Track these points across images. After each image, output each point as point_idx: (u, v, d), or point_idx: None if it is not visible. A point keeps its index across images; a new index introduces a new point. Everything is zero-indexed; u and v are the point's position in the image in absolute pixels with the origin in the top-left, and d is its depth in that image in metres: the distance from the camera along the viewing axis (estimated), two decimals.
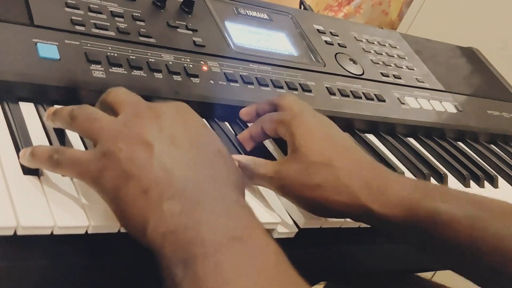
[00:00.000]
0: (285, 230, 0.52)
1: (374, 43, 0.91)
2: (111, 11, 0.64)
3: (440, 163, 0.76)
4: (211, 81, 0.64)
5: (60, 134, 0.49)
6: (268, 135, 0.57)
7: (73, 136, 0.50)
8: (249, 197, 0.52)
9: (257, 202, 0.52)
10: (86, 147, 0.49)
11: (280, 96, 0.59)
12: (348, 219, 0.55)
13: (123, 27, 0.63)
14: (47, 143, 0.48)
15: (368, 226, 0.55)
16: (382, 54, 0.90)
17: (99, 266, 0.43)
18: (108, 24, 0.62)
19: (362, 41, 0.90)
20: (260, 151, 0.60)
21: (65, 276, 0.42)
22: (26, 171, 0.44)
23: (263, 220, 0.49)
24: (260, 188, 0.54)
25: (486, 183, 0.76)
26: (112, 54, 0.59)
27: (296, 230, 0.52)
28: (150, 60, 0.61)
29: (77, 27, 0.60)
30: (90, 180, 0.41)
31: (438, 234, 0.48)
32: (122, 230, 0.43)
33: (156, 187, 0.38)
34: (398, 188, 0.50)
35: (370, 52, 0.88)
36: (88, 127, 0.43)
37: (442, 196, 0.50)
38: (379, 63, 0.87)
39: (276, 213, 0.52)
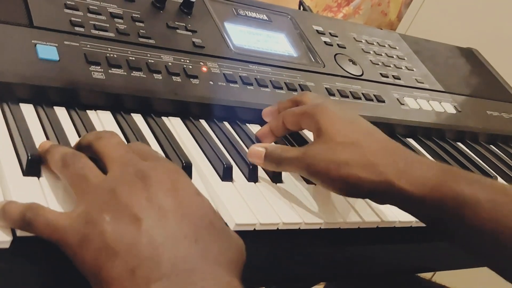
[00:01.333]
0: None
1: (373, 44, 0.91)
2: (110, 12, 0.64)
3: None
4: (211, 82, 0.64)
5: (60, 135, 0.49)
6: (289, 129, 0.59)
7: (72, 137, 0.50)
8: (248, 197, 0.52)
9: (257, 202, 0.52)
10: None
11: (300, 93, 0.61)
12: (348, 220, 0.55)
13: (123, 28, 0.63)
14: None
15: (369, 226, 0.55)
16: (381, 55, 0.90)
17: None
18: (108, 25, 0.62)
19: (361, 41, 0.90)
20: None
21: (65, 277, 0.42)
22: (26, 172, 0.44)
23: (263, 221, 0.49)
24: (260, 187, 0.54)
25: None
26: (111, 55, 0.59)
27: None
28: (149, 61, 0.61)
29: (77, 28, 0.60)
30: (69, 251, 0.37)
31: (461, 216, 0.49)
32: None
33: (143, 267, 0.35)
34: (424, 168, 0.51)
35: (370, 52, 0.88)
36: (75, 183, 0.40)
37: (466, 179, 0.51)
38: (378, 64, 0.87)
39: (276, 213, 0.52)
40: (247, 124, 0.65)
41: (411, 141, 0.79)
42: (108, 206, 0.38)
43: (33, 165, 0.44)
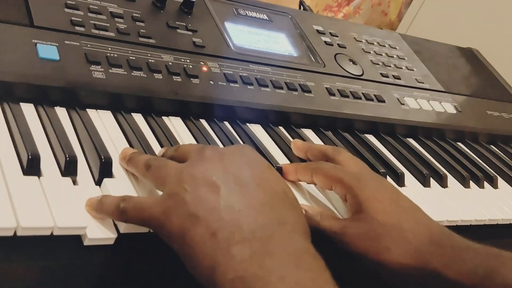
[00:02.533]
0: None
1: (373, 44, 0.91)
2: (110, 12, 0.64)
3: (439, 164, 0.76)
4: (211, 82, 0.64)
5: (61, 134, 0.49)
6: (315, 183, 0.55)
7: (73, 137, 0.50)
8: None
9: None
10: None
11: (335, 150, 0.57)
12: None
13: (123, 27, 0.63)
14: (47, 144, 0.48)
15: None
16: (381, 55, 0.90)
17: (100, 266, 0.43)
18: (108, 24, 0.62)
19: (361, 41, 0.90)
20: None
21: (64, 277, 0.42)
22: (26, 171, 0.44)
23: None
24: None
25: (485, 184, 0.76)
26: (112, 54, 0.59)
27: None
28: (150, 60, 0.61)
29: (77, 28, 0.60)
30: (156, 225, 0.40)
31: None
32: (122, 231, 0.43)
33: (224, 230, 0.38)
34: (471, 255, 0.48)
35: (370, 52, 0.88)
36: (157, 175, 0.43)
37: None
38: (378, 64, 0.87)
39: None
40: (247, 124, 0.65)
41: (411, 141, 0.79)
42: (187, 178, 0.41)
43: (33, 165, 0.44)
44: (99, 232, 0.42)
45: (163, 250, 0.41)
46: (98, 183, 0.46)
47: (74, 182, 0.45)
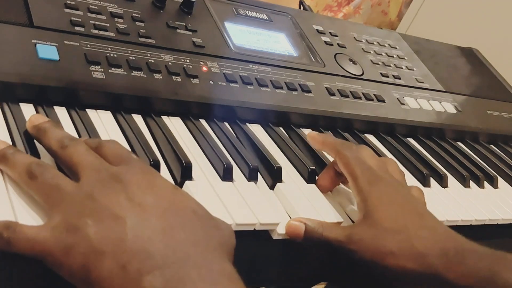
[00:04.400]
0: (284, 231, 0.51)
1: (373, 44, 0.91)
2: (110, 12, 0.64)
3: (440, 164, 0.76)
4: (211, 82, 0.64)
5: None
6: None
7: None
8: (248, 196, 0.52)
9: (257, 202, 0.52)
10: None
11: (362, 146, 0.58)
12: (344, 220, 0.55)
13: (123, 27, 0.63)
14: None
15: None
16: (381, 55, 0.90)
17: None
18: (108, 24, 0.62)
19: (361, 41, 0.90)
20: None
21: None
22: None
23: (263, 221, 0.49)
24: (260, 187, 0.54)
25: (486, 184, 0.76)
26: (111, 55, 0.59)
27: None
28: (149, 60, 0.61)
29: (77, 28, 0.60)
30: (52, 262, 0.36)
31: None
32: None
33: (134, 261, 0.35)
34: (475, 258, 0.48)
35: (370, 52, 0.88)
36: (46, 194, 0.39)
37: None
38: (378, 64, 0.87)
39: (276, 213, 0.52)
40: (247, 124, 0.65)
41: (411, 140, 0.79)
42: (87, 210, 0.37)
43: None
44: None
45: None
46: None
47: None
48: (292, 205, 0.54)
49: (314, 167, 0.60)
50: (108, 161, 0.42)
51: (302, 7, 1.01)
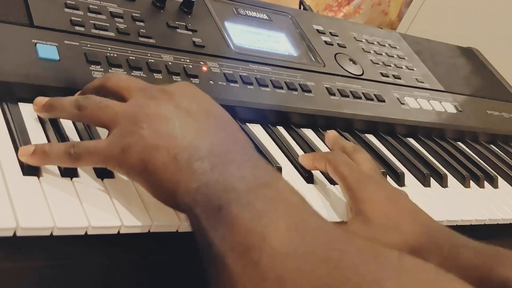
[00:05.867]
0: None
1: (373, 43, 0.91)
2: (110, 12, 0.64)
3: (440, 164, 0.76)
4: (211, 82, 0.64)
5: (61, 134, 0.49)
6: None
7: (73, 136, 0.50)
8: None
9: None
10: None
11: (355, 147, 0.60)
12: (344, 220, 0.55)
13: (123, 27, 0.63)
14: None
15: None
16: (381, 54, 0.90)
17: (99, 266, 0.43)
18: (108, 24, 0.62)
19: (361, 41, 0.90)
20: None
21: (64, 277, 0.42)
22: (26, 171, 0.43)
23: None
24: None
25: (486, 183, 0.76)
26: (111, 54, 0.59)
27: None
28: (149, 60, 0.61)
29: (77, 28, 0.60)
30: (114, 162, 0.42)
31: None
32: (122, 231, 0.43)
33: (184, 153, 0.40)
34: (470, 253, 0.49)
35: (370, 52, 0.88)
36: (100, 115, 0.43)
37: None
38: (378, 63, 0.87)
39: None
40: (247, 124, 0.65)
41: (411, 140, 0.79)
42: (140, 117, 0.42)
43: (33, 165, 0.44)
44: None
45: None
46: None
47: (74, 183, 0.45)
48: None
49: None
50: None
51: (302, 7, 1.01)
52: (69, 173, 0.45)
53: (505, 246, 0.50)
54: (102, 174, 0.46)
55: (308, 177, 0.59)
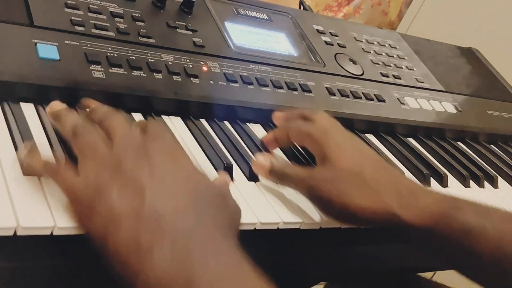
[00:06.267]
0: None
1: (373, 43, 0.91)
2: (110, 12, 0.64)
3: (440, 163, 0.76)
4: (211, 82, 0.64)
5: (61, 136, 0.49)
6: (293, 142, 0.59)
7: None
8: (248, 196, 0.52)
9: (257, 201, 0.52)
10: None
11: (313, 111, 0.60)
12: None
13: (123, 27, 0.63)
14: (47, 143, 0.48)
15: (368, 227, 0.54)
16: (381, 54, 0.90)
17: (99, 266, 0.43)
18: (108, 24, 0.62)
19: (361, 41, 0.90)
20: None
21: (64, 277, 0.42)
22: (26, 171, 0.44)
23: (263, 220, 0.49)
24: (261, 187, 0.54)
25: (486, 183, 0.76)
26: (112, 54, 0.59)
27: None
28: (150, 60, 0.61)
29: (77, 28, 0.60)
30: (78, 213, 0.41)
31: (466, 246, 0.49)
32: None
33: (146, 235, 0.38)
34: (428, 199, 0.51)
35: (370, 52, 0.88)
36: (83, 150, 0.43)
37: (472, 209, 0.51)
38: (378, 63, 0.87)
39: (276, 213, 0.52)
40: (247, 124, 0.65)
41: (411, 140, 0.79)
42: (115, 177, 0.41)
43: None
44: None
45: None
46: None
47: None
48: (292, 204, 0.54)
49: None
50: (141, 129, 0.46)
51: (302, 7, 1.01)
52: None
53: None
54: None
55: None
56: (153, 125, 0.47)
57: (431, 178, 0.70)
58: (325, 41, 0.84)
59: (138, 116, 0.58)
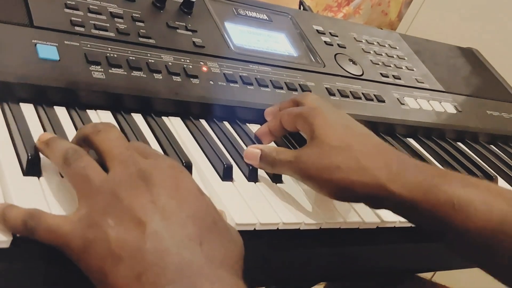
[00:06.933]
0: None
1: (373, 44, 0.91)
2: (110, 12, 0.64)
3: (439, 164, 0.76)
4: (211, 82, 0.64)
5: (61, 134, 0.49)
6: (287, 129, 0.59)
7: (73, 136, 0.50)
8: (248, 196, 0.52)
9: (257, 202, 0.52)
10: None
11: (302, 93, 0.61)
12: (348, 220, 0.55)
13: (123, 28, 0.63)
14: None
15: (369, 227, 0.55)
16: (381, 55, 0.90)
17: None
18: (108, 25, 0.62)
19: (361, 41, 0.90)
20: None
21: (64, 277, 0.42)
22: (26, 172, 0.44)
23: (263, 221, 0.49)
24: (261, 188, 0.54)
25: None
26: (111, 55, 0.59)
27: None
28: (149, 61, 0.61)
29: (77, 28, 0.60)
30: (71, 254, 0.37)
31: (454, 219, 0.49)
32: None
33: (149, 272, 0.35)
34: (416, 171, 0.51)
35: (370, 52, 0.88)
36: (77, 183, 0.40)
37: (460, 181, 0.51)
38: (378, 64, 0.87)
39: (276, 213, 0.52)
40: (247, 124, 0.65)
41: (411, 141, 0.79)
42: (111, 209, 0.37)
43: (33, 165, 0.44)
44: None
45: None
46: None
47: None
48: (292, 205, 0.54)
49: None
50: (138, 153, 0.42)
51: (302, 7, 1.01)
52: None
53: None
54: None
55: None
56: (147, 146, 0.45)
57: None
58: (325, 42, 0.84)
59: (138, 117, 0.58)
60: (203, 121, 0.62)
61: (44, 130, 0.50)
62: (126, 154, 0.41)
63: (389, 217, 0.58)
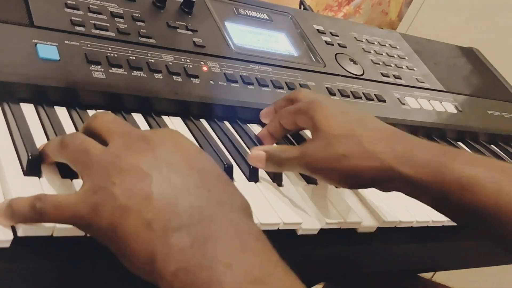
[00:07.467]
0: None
1: (374, 43, 0.91)
2: (111, 12, 0.64)
3: None
4: (211, 82, 0.64)
5: (61, 134, 0.49)
6: (287, 129, 0.59)
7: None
8: (249, 197, 0.52)
9: (257, 202, 0.52)
10: None
11: (294, 90, 0.61)
12: (348, 220, 0.55)
13: (123, 27, 0.63)
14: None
15: (369, 229, 0.54)
16: (382, 54, 0.90)
17: (99, 267, 0.43)
18: (108, 24, 0.62)
19: (362, 41, 0.90)
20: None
21: (63, 278, 0.42)
22: (27, 172, 0.43)
23: (263, 221, 0.49)
24: (262, 188, 0.54)
25: None
26: (112, 54, 0.59)
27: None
28: (150, 60, 0.61)
29: (77, 28, 0.60)
30: (82, 223, 0.37)
31: (464, 197, 0.48)
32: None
33: (159, 218, 0.35)
34: (424, 151, 0.51)
35: (370, 52, 0.88)
36: (77, 158, 0.40)
37: (469, 160, 0.50)
38: (379, 63, 0.87)
39: (276, 214, 0.52)
40: (247, 124, 0.65)
41: None
42: (114, 171, 0.37)
43: (34, 165, 0.44)
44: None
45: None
46: None
47: (74, 183, 0.45)
48: (292, 205, 0.54)
49: None
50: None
51: (302, 7, 1.01)
52: (69, 174, 0.45)
53: None
54: None
55: (310, 178, 0.59)
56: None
57: None
58: (326, 41, 0.84)
59: (138, 117, 0.58)
60: (203, 121, 0.62)
61: (44, 130, 0.50)
62: (125, 128, 0.42)
63: (389, 217, 0.58)
